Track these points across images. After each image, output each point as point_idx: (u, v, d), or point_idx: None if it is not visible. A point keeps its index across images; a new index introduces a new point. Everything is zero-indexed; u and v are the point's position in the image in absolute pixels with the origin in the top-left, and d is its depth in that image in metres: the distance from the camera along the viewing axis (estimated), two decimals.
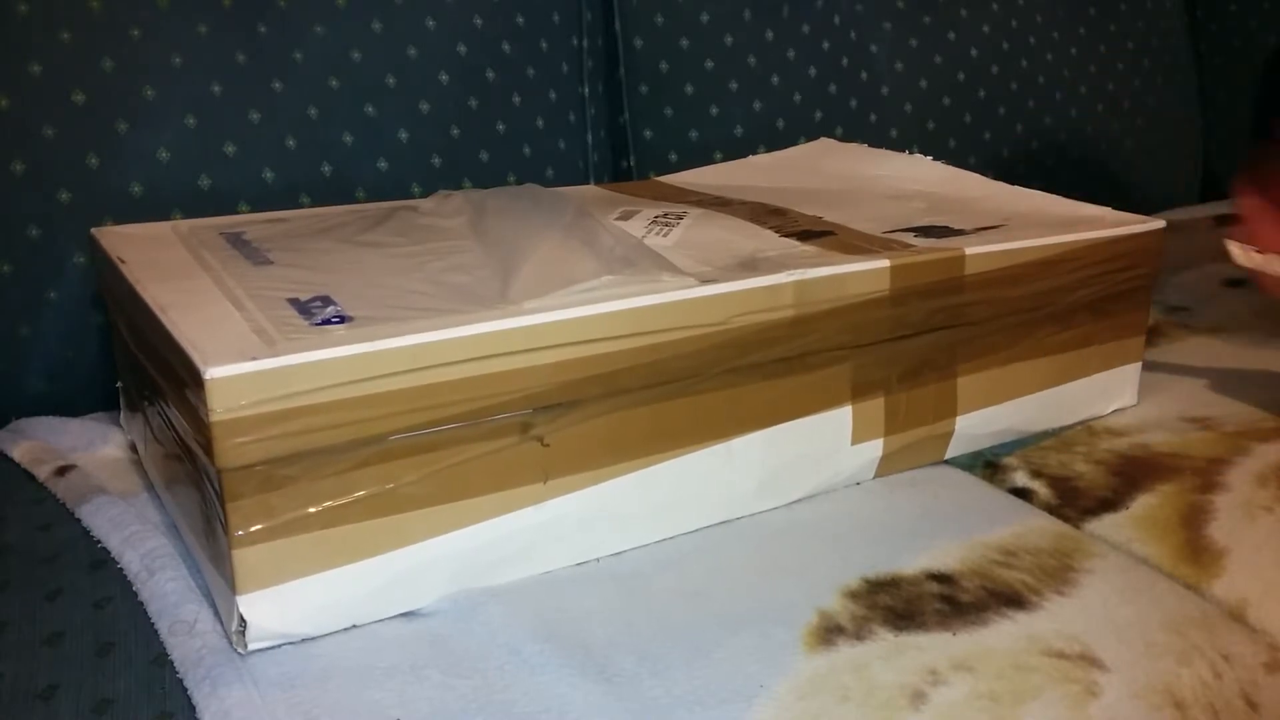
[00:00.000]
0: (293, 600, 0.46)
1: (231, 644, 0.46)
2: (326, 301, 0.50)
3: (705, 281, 0.52)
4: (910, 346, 0.59)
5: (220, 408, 0.42)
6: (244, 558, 0.45)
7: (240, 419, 0.42)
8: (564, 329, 0.48)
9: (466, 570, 0.50)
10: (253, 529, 0.44)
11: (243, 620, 0.45)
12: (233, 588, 0.45)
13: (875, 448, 0.60)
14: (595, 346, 0.49)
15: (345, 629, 0.48)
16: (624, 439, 0.52)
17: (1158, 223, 0.67)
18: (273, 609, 0.46)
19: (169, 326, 0.46)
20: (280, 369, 0.43)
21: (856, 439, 0.59)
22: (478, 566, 0.50)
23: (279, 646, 0.46)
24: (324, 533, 0.46)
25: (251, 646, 0.46)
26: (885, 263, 0.56)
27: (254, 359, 0.43)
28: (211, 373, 0.42)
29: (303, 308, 0.49)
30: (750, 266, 0.55)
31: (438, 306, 0.49)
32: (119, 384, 0.66)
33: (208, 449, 0.43)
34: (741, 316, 0.52)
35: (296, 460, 0.44)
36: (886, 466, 0.61)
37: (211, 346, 0.44)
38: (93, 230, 0.62)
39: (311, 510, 0.45)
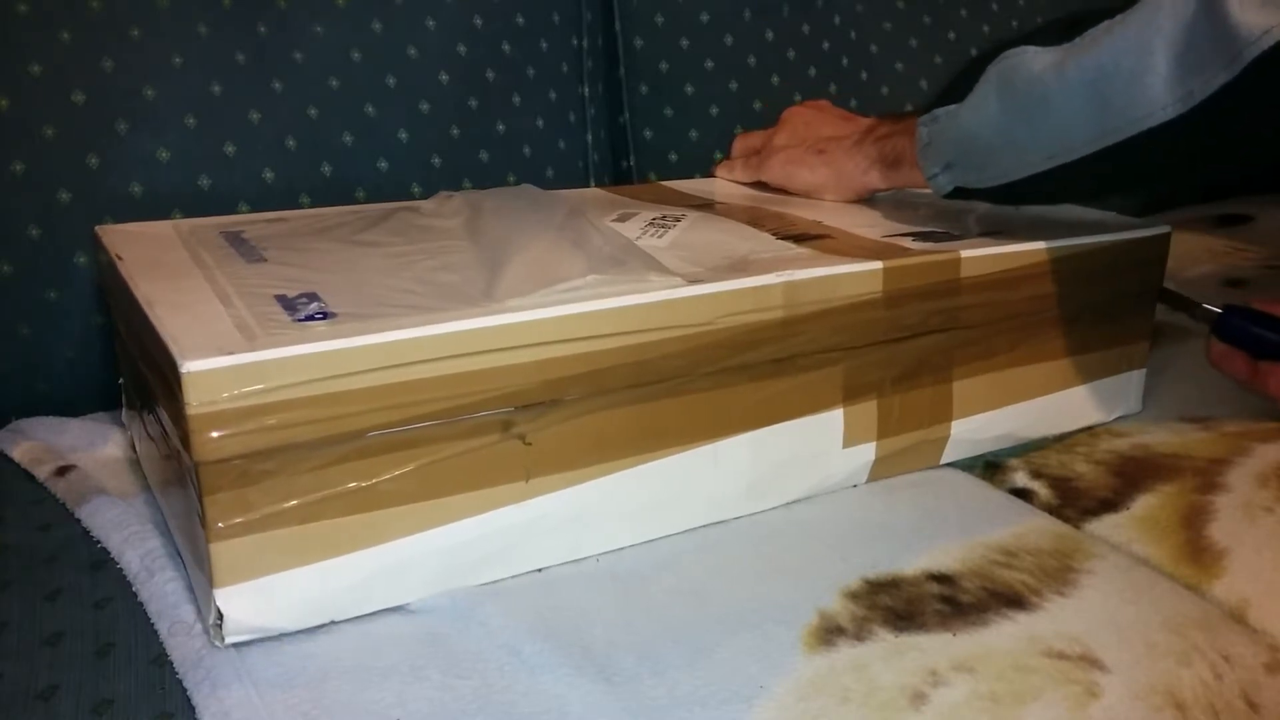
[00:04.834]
0: (270, 594, 0.46)
1: (209, 637, 0.46)
2: (312, 298, 0.50)
3: (693, 282, 0.52)
4: (905, 349, 0.59)
5: (197, 401, 0.42)
6: (221, 551, 0.44)
7: (217, 412, 0.42)
8: (544, 327, 0.48)
9: (447, 567, 0.50)
10: (230, 523, 0.44)
11: (220, 613, 0.45)
12: (210, 581, 0.45)
13: (868, 451, 0.60)
14: (578, 345, 0.49)
15: (331, 625, 0.48)
16: (608, 439, 0.52)
17: (1163, 228, 0.67)
18: (250, 603, 0.46)
19: (154, 321, 0.46)
20: (257, 363, 0.43)
21: (848, 442, 0.59)
22: (459, 564, 0.50)
23: (279, 647, 0.46)
24: (302, 528, 0.46)
25: (229, 640, 0.46)
26: (878, 265, 0.56)
27: (231, 353, 0.43)
28: (188, 366, 0.42)
29: (288, 304, 0.49)
30: (742, 268, 0.55)
31: (422, 304, 0.49)
32: (120, 381, 0.66)
33: (185, 442, 0.43)
34: (729, 317, 0.52)
35: (274, 455, 0.44)
36: (880, 470, 0.61)
37: (191, 340, 0.44)
38: (97, 228, 0.62)
39: (289, 505, 0.45)
